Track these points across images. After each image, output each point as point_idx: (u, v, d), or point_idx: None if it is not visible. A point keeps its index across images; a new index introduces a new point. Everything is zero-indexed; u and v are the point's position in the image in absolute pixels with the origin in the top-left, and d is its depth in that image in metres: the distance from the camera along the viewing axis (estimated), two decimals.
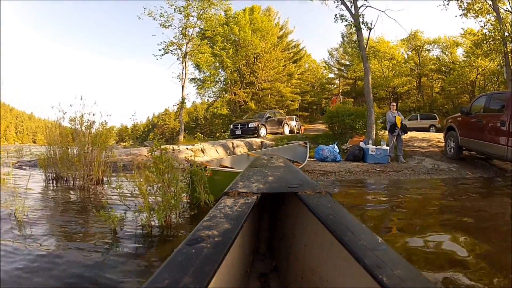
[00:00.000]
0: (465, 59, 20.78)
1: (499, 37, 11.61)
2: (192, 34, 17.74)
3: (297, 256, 1.27)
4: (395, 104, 8.51)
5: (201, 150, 9.88)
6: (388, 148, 7.81)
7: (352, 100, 22.51)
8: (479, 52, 14.26)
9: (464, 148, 7.77)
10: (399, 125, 7.78)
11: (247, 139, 11.15)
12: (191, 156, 4.03)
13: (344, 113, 10.48)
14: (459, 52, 23.64)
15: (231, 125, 14.84)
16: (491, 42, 12.19)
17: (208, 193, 3.52)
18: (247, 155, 6.47)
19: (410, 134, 10.13)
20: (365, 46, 9.97)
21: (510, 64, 11.62)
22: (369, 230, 0.88)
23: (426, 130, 16.42)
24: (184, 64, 17.48)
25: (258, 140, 11.10)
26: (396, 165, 7.40)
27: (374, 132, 9.27)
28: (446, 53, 24.43)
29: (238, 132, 13.57)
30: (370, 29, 9.84)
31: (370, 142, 8.34)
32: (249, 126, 13.31)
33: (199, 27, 18.59)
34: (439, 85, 25.49)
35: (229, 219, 0.89)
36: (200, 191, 3.54)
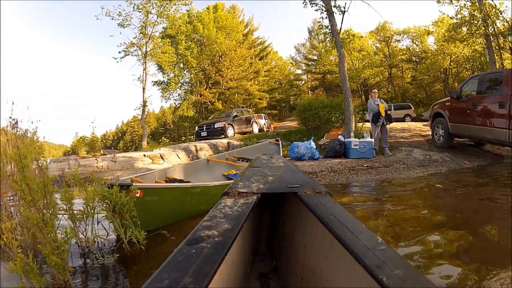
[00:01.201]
0: (437, 47, 20.54)
1: (479, 19, 11.12)
2: (152, 33, 16.39)
3: (297, 256, 1.22)
4: (376, 91, 7.56)
5: (160, 156, 8.58)
6: (372, 140, 6.80)
7: (324, 93, 21.79)
8: (456, 37, 13.84)
9: (454, 136, 6.96)
10: (383, 114, 6.81)
11: (212, 141, 9.80)
12: (96, 169, 2.71)
13: (318, 106, 9.41)
14: (430, 41, 23.44)
15: (196, 127, 13.56)
16: (471, 24, 11.74)
17: (137, 225, 2.26)
18: (206, 160, 5.26)
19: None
20: (339, 30, 8.94)
21: (493, 46, 11.24)
22: (369, 230, 0.79)
23: (402, 120, 16.03)
24: (144, 65, 16.08)
25: (224, 141, 9.78)
26: (383, 159, 6.38)
27: (354, 124, 8.25)
28: (416, 43, 24.23)
29: (203, 133, 12.38)
30: (344, 12, 8.83)
31: (352, 135, 7.29)
32: (215, 126, 12.11)
33: (162, 27, 17.54)
34: (409, 75, 25.32)
35: (229, 219, 0.83)
36: (116, 225, 2.29)
